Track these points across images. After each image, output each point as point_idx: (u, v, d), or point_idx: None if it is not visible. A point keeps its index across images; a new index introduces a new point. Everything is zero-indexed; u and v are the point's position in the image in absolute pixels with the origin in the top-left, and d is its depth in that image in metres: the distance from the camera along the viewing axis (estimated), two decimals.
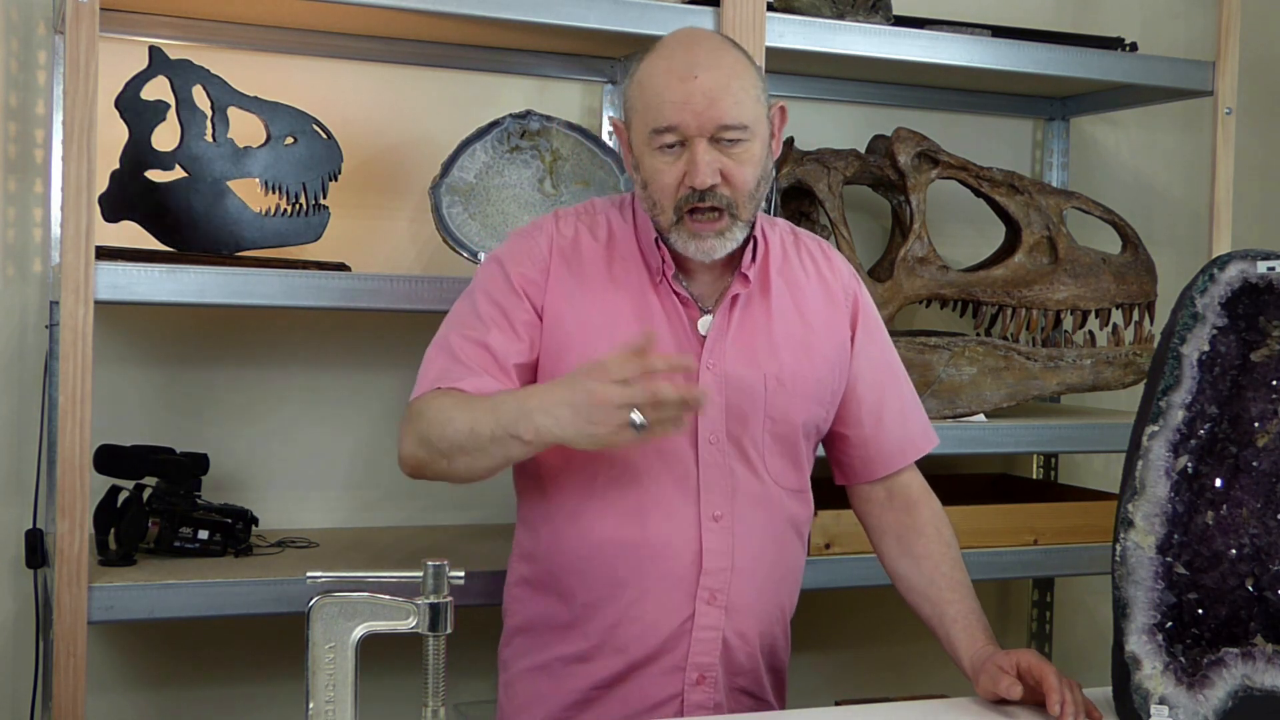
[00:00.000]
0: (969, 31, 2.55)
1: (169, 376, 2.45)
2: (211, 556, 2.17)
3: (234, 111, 2.21)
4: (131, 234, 2.16)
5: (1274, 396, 1.58)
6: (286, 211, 2.23)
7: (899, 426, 1.92)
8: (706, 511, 1.77)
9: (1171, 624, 1.55)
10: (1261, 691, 1.52)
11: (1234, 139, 2.71)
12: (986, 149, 3.00)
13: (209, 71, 2.20)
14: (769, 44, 2.33)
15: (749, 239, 1.81)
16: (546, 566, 1.83)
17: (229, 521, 2.20)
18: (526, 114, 2.42)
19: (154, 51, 2.18)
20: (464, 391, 1.71)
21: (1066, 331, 2.68)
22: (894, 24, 2.50)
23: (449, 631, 1.37)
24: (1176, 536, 1.56)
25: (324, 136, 2.26)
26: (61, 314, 1.96)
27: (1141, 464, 1.56)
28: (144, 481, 2.20)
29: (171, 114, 2.17)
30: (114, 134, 2.13)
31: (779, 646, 1.89)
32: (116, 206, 2.13)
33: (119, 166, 2.14)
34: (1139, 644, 1.54)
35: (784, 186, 2.52)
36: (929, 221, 2.65)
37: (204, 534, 2.17)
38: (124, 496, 2.18)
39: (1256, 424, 1.58)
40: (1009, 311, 2.61)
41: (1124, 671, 1.55)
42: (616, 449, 1.69)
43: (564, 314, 1.78)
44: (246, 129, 2.22)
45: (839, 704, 2.36)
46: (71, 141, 1.95)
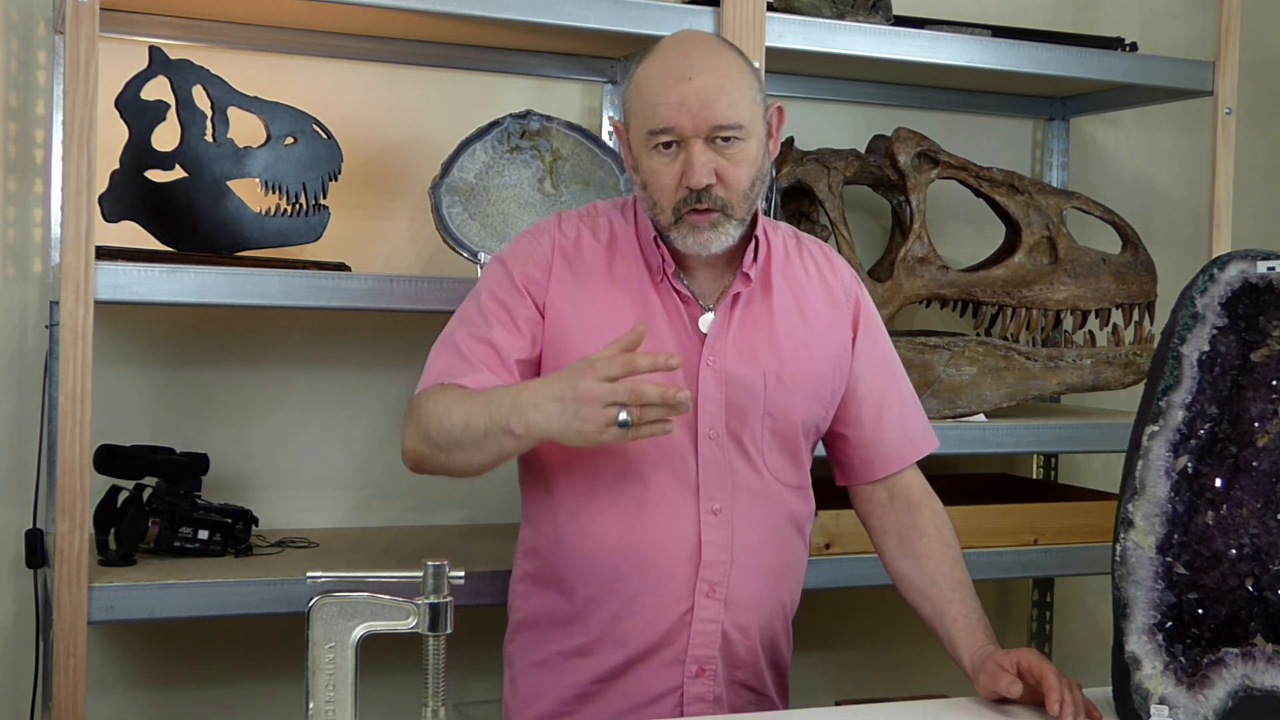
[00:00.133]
0: (969, 31, 2.56)
1: (169, 376, 2.45)
2: (211, 556, 2.17)
3: (234, 111, 2.21)
4: (131, 234, 2.16)
5: (1274, 396, 1.58)
6: (286, 211, 2.23)
7: (898, 428, 1.93)
8: (706, 506, 1.79)
9: (1171, 624, 1.55)
10: (1261, 691, 1.52)
11: (1234, 139, 2.71)
12: (986, 149, 3.00)
13: (209, 71, 2.20)
14: (769, 44, 2.33)
15: (749, 238, 1.84)
16: (549, 561, 1.85)
17: (229, 521, 2.20)
18: (526, 114, 2.42)
19: (154, 51, 2.17)
20: (464, 387, 1.73)
21: (1066, 331, 2.68)
22: (894, 24, 2.50)
23: (449, 631, 1.37)
24: (1176, 536, 1.56)
25: (324, 136, 2.26)
26: (61, 314, 1.96)
27: (1141, 464, 1.56)
28: (144, 481, 2.20)
29: (171, 114, 2.17)
30: (114, 134, 2.13)
31: (780, 642, 1.90)
32: (116, 206, 2.13)
33: (119, 166, 2.14)
34: (1139, 644, 1.54)
35: (784, 186, 2.52)
36: (929, 221, 2.65)
37: (204, 534, 2.17)
38: (124, 496, 2.18)
39: (1256, 424, 1.58)
40: (1009, 311, 2.62)
41: (1124, 671, 1.55)
42: (605, 446, 1.72)
43: (565, 312, 1.80)
44: (246, 129, 2.22)
45: (839, 704, 2.36)
46: (71, 141, 1.95)
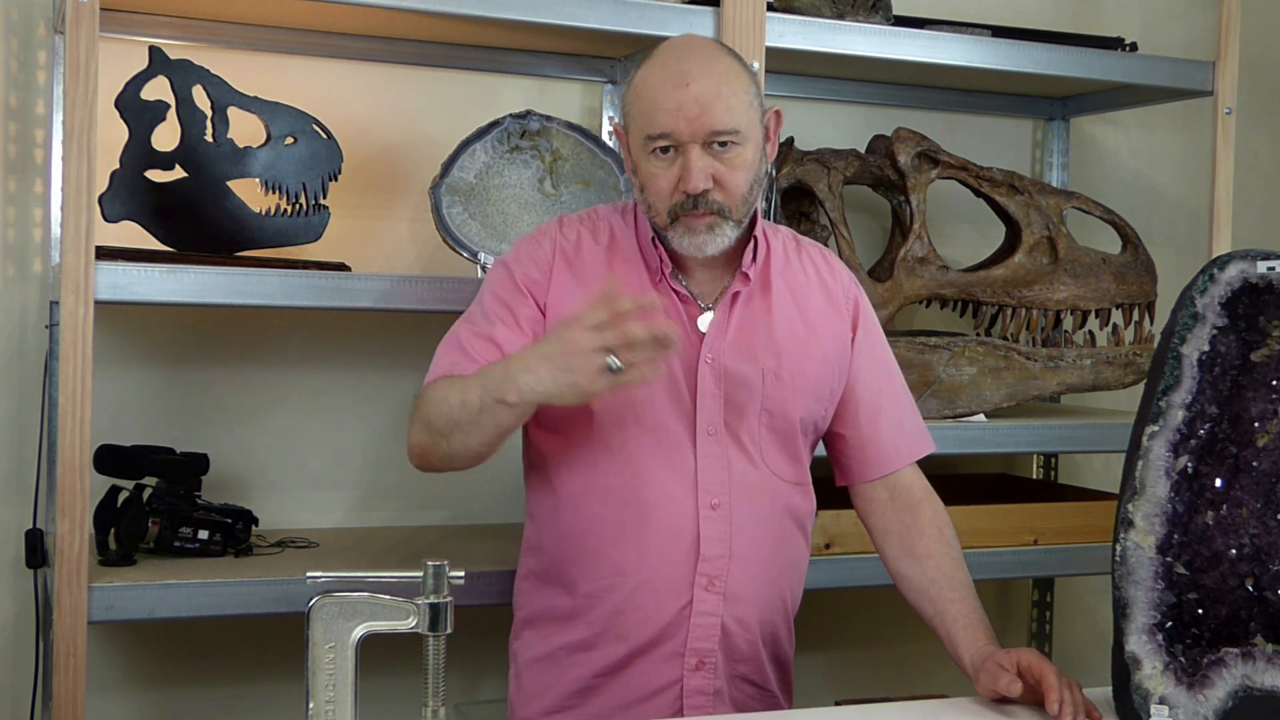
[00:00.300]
0: (969, 31, 2.55)
1: (169, 376, 2.45)
2: (211, 556, 2.17)
3: (234, 111, 2.21)
4: (131, 234, 2.16)
5: (1274, 396, 1.58)
6: (286, 211, 2.23)
7: (895, 429, 1.94)
8: (704, 500, 1.80)
9: (1171, 624, 1.55)
10: (1261, 691, 1.52)
11: (1234, 139, 2.71)
12: (986, 149, 3.00)
13: (209, 71, 2.20)
14: (769, 44, 2.33)
15: (748, 239, 1.86)
16: (551, 557, 1.87)
17: (229, 521, 2.20)
18: (526, 114, 2.42)
19: (154, 51, 2.17)
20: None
21: (1066, 331, 2.68)
22: (894, 24, 2.50)
23: (449, 631, 1.37)
24: (1176, 536, 1.56)
25: (324, 136, 2.26)
26: (61, 314, 1.96)
27: (1141, 464, 1.56)
28: (144, 481, 2.20)
29: (171, 114, 2.17)
30: (114, 134, 2.13)
31: (781, 637, 1.91)
32: (116, 206, 2.13)
33: (119, 166, 2.14)
34: (1139, 644, 1.54)
35: (784, 186, 2.52)
36: (929, 221, 2.65)
37: (204, 534, 2.17)
38: (124, 496, 2.17)
39: (1256, 424, 1.58)
40: (1009, 311, 2.62)
41: (1124, 671, 1.55)
42: (605, 444, 1.77)
43: (566, 311, 1.81)
44: (246, 129, 2.22)
45: (839, 704, 2.36)
46: (71, 141, 1.95)
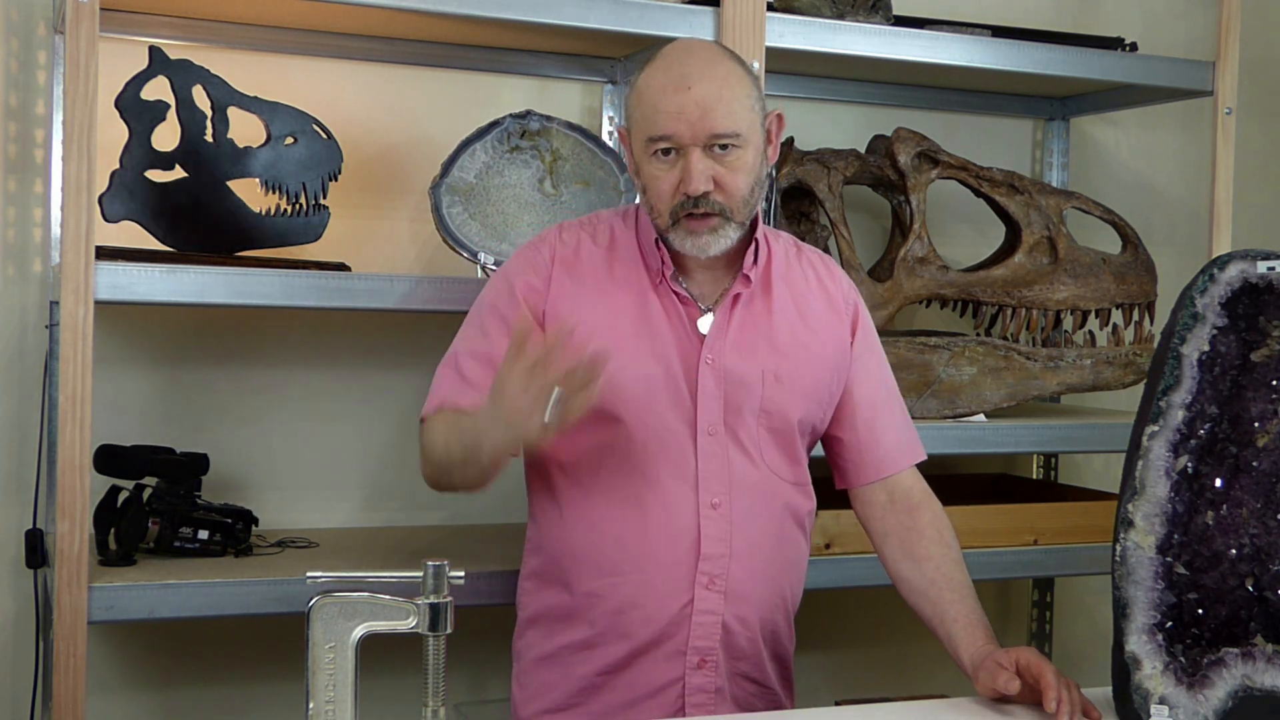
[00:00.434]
0: (969, 31, 2.55)
1: (169, 376, 2.45)
2: (211, 556, 2.17)
3: (234, 111, 2.21)
4: (131, 234, 2.16)
5: (1274, 396, 1.58)
6: (286, 211, 2.23)
7: (891, 433, 1.96)
8: (705, 499, 1.81)
9: (1171, 624, 1.55)
10: (1261, 691, 1.52)
11: (1234, 139, 2.71)
12: (986, 149, 3.00)
13: (209, 71, 2.20)
14: (769, 44, 2.33)
15: (749, 242, 1.87)
16: (553, 557, 1.88)
17: (229, 521, 2.20)
18: (526, 114, 2.42)
19: (154, 51, 2.17)
20: (461, 408, 1.79)
21: (1066, 331, 2.68)
22: (894, 24, 2.50)
23: (449, 631, 1.37)
24: (1176, 536, 1.56)
25: (324, 136, 2.26)
26: (61, 314, 1.96)
27: (1141, 464, 1.56)
28: (144, 481, 2.20)
29: (171, 114, 2.17)
30: (114, 134, 2.13)
31: (782, 635, 1.92)
32: (116, 206, 2.13)
33: (119, 166, 2.14)
34: (1139, 644, 1.54)
35: (784, 186, 2.52)
36: (929, 221, 2.65)
37: (204, 534, 2.17)
38: (124, 496, 2.17)
39: (1256, 424, 1.58)
40: (1009, 311, 2.61)
41: (1124, 671, 1.55)
42: (606, 443, 1.80)
43: (567, 315, 1.83)
44: (246, 129, 2.22)
45: (839, 704, 2.36)
46: (71, 141, 1.95)
